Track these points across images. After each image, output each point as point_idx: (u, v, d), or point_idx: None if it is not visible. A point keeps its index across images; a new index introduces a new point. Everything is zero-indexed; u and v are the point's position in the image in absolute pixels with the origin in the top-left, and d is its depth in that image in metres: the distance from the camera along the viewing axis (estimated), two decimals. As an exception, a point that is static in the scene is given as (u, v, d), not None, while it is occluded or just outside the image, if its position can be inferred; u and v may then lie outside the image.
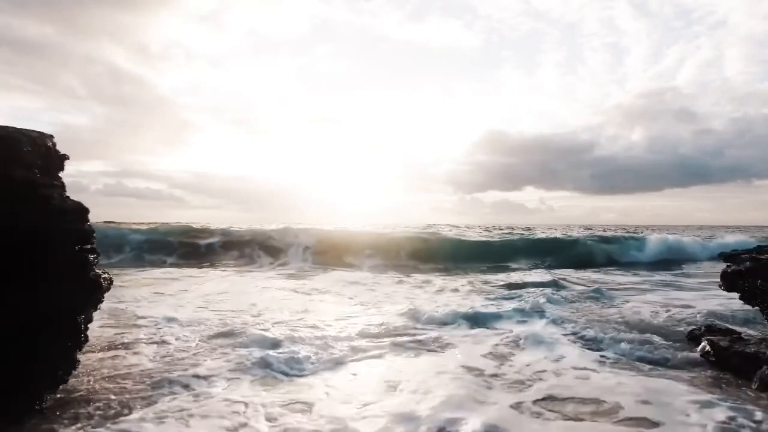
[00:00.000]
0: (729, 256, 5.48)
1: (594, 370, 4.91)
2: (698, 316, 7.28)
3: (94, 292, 3.98)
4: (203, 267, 16.34)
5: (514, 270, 14.95)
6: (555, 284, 11.07)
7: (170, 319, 6.72)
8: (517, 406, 3.93)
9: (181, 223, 28.66)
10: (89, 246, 4.00)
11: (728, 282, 5.24)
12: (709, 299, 8.62)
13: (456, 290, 10.83)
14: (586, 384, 4.52)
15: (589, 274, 13.93)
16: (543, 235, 23.55)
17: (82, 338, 3.98)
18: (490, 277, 13.40)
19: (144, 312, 7.30)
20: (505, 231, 31.53)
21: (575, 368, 4.96)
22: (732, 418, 3.62)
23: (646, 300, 9.14)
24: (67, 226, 3.80)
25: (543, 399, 4.13)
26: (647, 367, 5.05)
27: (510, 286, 11.07)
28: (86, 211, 3.95)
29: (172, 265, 16.79)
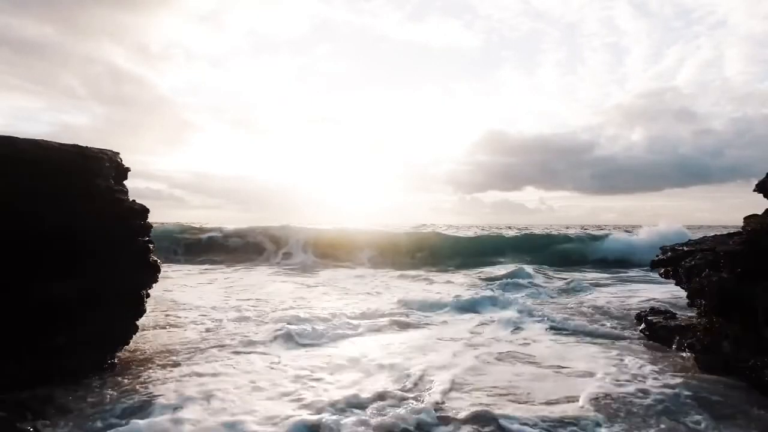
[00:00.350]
0: (663, 248, 6.69)
1: (550, 340, 6.14)
2: (650, 302, 8.49)
3: (152, 273, 5.18)
4: (215, 263, 17.47)
5: (496, 265, 16.12)
6: (530, 276, 12.34)
7: (202, 306, 7.92)
8: (479, 359, 5.16)
9: (182, 223, 29.68)
10: (148, 237, 5.19)
11: (654, 267, 6.49)
12: (662, 290, 9.86)
13: (447, 282, 12.07)
14: (538, 347, 5.75)
15: (564, 270, 15.21)
16: (522, 233, 24.84)
17: (143, 308, 5.17)
18: (474, 270, 14.63)
19: (179, 299, 8.51)
20: (495, 230, 32.74)
21: (533, 340, 6.18)
22: (641, 367, 4.84)
23: (609, 292, 10.38)
24: (134, 222, 4.99)
25: (500, 354, 5.36)
26: (594, 339, 6.26)
27: (491, 279, 12.31)
28: (147, 211, 5.15)
29: (181, 262, 17.94)
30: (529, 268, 13.98)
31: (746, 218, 4.93)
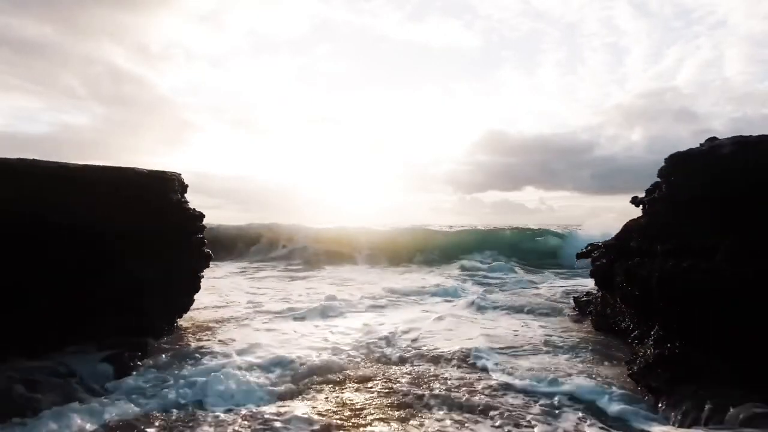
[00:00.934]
0: (588, 245, 8.84)
1: (493, 314, 8.31)
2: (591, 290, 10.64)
3: (205, 260, 7.26)
4: (225, 260, 19.46)
5: (469, 259, 18.09)
6: (501, 270, 14.56)
7: (235, 291, 10.07)
8: (438, 320, 7.35)
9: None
10: (202, 234, 7.27)
11: (578, 258, 8.65)
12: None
13: (429, 272, 14.27)
14: (478, 320, 7.91)
15: (535, 264, 17.42)
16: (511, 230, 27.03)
17: (198, 286, 7.25)
18: (453, 264, 16.78)
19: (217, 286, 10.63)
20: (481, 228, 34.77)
21: (480, 314, 8.35)
22: (562, 336, 6.97)
23: (568, 283, 12.56)
24: (194, 224, 7.07)
25: (449, 319, 7.54)
26: (530, 316, 8.38)
27: (463, 268, 14.64)
28: (203, 216, 7.23)
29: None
30: (503, 263, 16.18)
31: (626, 223, 7.06)
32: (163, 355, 5.67)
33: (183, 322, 7.12)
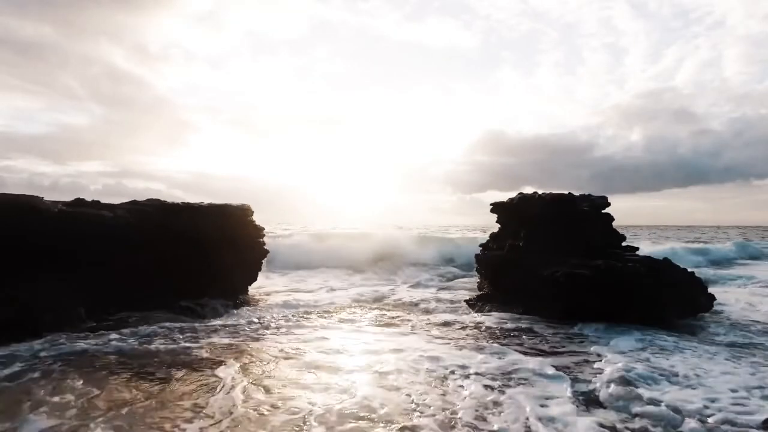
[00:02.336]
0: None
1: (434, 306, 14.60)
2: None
3: (264, 254, 13.33)
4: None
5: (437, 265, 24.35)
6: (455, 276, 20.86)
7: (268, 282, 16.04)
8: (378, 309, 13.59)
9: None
10: (262, 239, 13.33)
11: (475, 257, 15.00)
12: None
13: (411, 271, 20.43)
14: (420, 301, 14.16)
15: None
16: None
17: (258, 270, 13.32)
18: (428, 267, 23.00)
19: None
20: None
21: (421, 297, 14.61)
22: (452, 319, 13.26)
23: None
24: (259, 233, 13.14)
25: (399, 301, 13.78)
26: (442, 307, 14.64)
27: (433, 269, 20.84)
28: (263, 228, 13.30)
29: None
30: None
31: (492, 233, 13.38)
32: (251, 303, 11.71)
33: (250, 289, 13.14)
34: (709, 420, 4.57)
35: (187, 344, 7.05)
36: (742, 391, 5.29)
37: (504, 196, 13.70)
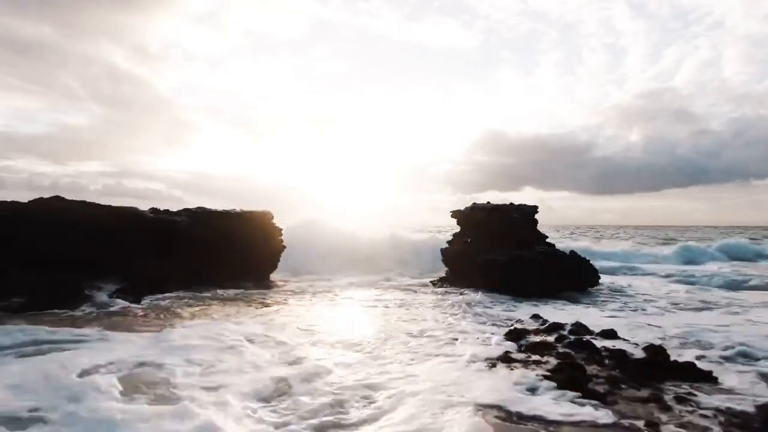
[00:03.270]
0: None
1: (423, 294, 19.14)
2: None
3: (282, 247, 17.89)
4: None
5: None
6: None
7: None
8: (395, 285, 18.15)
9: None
10: (282, 237, 17.87)
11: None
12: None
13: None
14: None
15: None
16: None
17: (278, 260, 17.82)
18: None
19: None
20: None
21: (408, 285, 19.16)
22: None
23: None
24: (279, 231, 17.66)
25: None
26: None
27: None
28: (281, 229, 17.83)
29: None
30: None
31: (455, 233, 17.93)
32: (274, 284, 16.19)
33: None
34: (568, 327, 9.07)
35: (252, 291, 11.55)
36: (595, 318, 9.74)
37: (504, 196, 18.29)
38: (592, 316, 9.85)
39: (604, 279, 15.46)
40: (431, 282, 15.75)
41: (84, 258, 11.43)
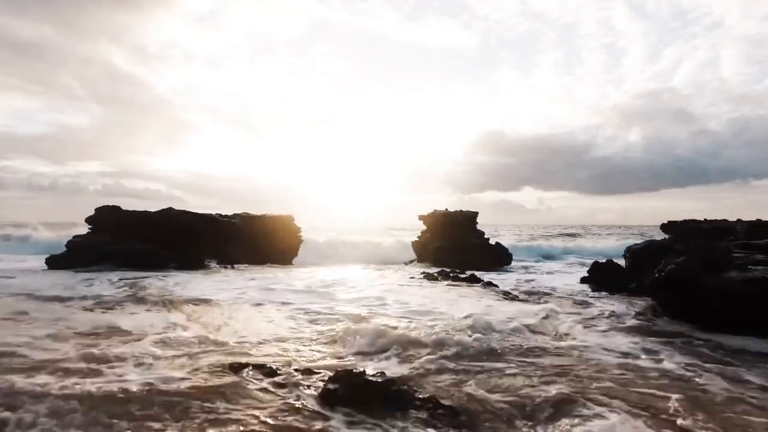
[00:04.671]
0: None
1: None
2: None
3: (300, 242, 25.78)
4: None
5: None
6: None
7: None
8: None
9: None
10: (300, 234, 25.79)
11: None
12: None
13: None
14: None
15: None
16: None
17: (296, 252, 25.74)
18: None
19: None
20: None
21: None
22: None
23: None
24: (298, 230, 25.56)
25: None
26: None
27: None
28: (299, 227, 25.78)
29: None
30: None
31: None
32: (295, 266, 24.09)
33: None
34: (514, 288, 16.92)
35: (282, 266, 19.40)
36: (512, 282, 17.59)
37: (503, 196, 26.08)
38: (488, 274, 17.71)
39: (535, 262, 23.48)
40: (404, 263, 23.66)
41: (194, 245, 19.35)
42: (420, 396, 4.48)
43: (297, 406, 4.32)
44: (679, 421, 4.14)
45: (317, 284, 13.33)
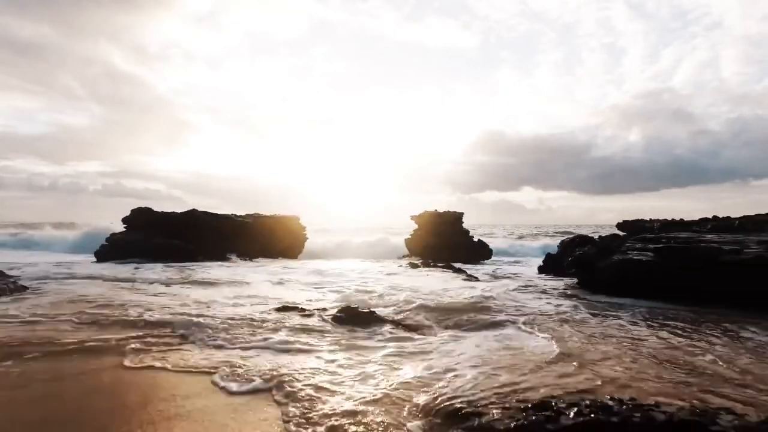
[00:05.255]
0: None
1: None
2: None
3: (305, 239, 29.20)
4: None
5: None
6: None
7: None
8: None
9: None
10: (305, 232, 29.20)
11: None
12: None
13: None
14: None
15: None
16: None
17: (302, 248, 29.16)
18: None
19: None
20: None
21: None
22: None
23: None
24: (304, 228, 28.96)
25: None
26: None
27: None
28: (305, 228, 29.18)
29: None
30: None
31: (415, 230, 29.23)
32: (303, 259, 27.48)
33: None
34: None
35: (290, 259, 22.82)
36: (483, 270, 20.96)
37: (503, 196, 29.34)
38: (467, 265, 21.10)
39: (513, 257, 26.90)
40: (397, 258, 27.07)
41: (214, 241, 22.76)
42: (388, 319, 7.90)
43: (319, 323, 7.71)
44: (554, 330, 7.52)
45: (323, 271, 16.76)
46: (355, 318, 7.77)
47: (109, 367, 5.40)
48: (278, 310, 8.65)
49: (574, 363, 5.52)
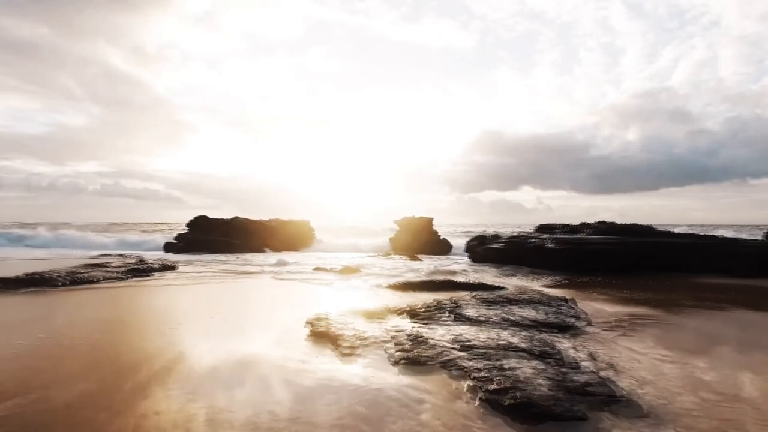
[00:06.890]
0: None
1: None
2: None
3: (312, 237, 39.26)
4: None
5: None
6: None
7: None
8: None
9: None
10: (314, 230, 39.25)
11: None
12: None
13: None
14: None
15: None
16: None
17: (311, 242, 39.24)
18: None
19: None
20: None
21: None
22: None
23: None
24: (312, 229, 39.02)
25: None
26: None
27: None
28: (313, 229, 39.23)
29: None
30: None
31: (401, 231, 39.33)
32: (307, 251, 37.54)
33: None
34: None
35: (302, 252, 32.96)
36: (439, 261, 31.04)
37: (502, 196, 37.24)
38: (431, 257, 31.21)
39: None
40: (383, 254, 37.23)
41: (250, 239, 32.84)
42: (360, 270, 18.07)
43: (331, 275, 17.83)
44: (457, 279, 17.66)
45: (331, 258, 27.00)
46: (353, 272, 17.86)
47: (266, 280, 15.55)
48: (320, 270, 18.75)
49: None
